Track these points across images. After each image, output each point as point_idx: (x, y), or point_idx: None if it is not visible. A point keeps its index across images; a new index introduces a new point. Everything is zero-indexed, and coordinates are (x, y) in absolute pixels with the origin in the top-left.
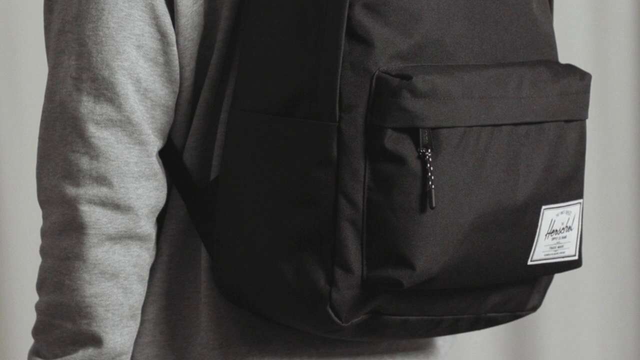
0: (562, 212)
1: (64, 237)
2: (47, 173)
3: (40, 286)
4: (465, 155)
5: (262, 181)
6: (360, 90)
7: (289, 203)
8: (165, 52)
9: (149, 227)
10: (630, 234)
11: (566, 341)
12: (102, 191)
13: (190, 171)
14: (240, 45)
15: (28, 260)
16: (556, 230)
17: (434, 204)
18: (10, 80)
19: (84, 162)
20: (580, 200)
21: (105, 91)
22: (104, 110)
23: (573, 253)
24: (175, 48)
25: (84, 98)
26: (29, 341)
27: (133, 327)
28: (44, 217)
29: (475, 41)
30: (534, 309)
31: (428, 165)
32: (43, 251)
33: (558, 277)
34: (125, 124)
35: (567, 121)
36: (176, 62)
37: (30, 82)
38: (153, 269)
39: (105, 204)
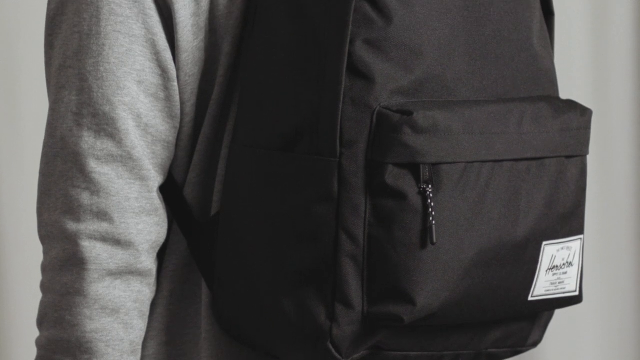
0: (562, 248)
1: (64, 272)
2: (47, 208)
3: (41, 322)
4: (466, 191)
5: (263, 217)
6: (361, 125)
7: (290, 238)
8: (166, 88)
9: (149, 263)
10: (630, 269)
11: None
12: (103, 227)
13: (191, 206)
14: (241, 80)
15: (28, 294)
16: (557, 266)
17: (434, 240)
18: (11, 115)
19: (85, 198)
20: (581, 236)
21: (106, 126)
22: (104, 145)
23: (574, 289)
24: (176, 83)
25: (85, 133)
26: None
27: None
28: (45, 253)
29: (476, 77)
30: (535, 344)
31: (429, 201)
32: (44, 287)
33: (558, 312)
34: (126, 160)
35: (567, 157)
36: (177, 98)
37: (31, 117)
38: (154, 305)
39: (105, 239)
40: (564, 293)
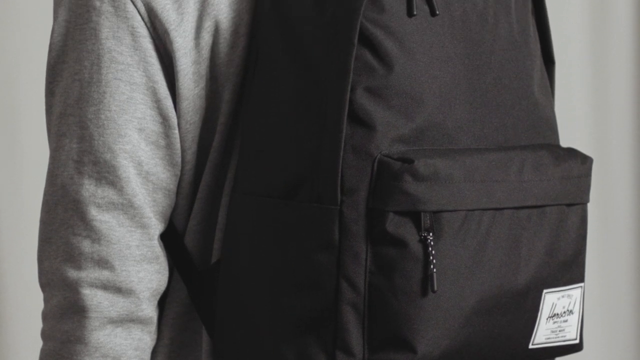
0: (563, 296)
1: (65, 320)
2: (48, 256)
3: None
4: (466, 239)
5: (263, 264)
6: (361, 173)
7: (290, 286)
8: (167, 135)
9: (150, 311)
10: (631, 318)
11: None
12: (104, 274)
13: (192, 254)
14: (241, 128)
15: (29, 344)
16: (557, 314)
17: (435, 288)
18: (11, 163)
19: (86, 245)
20: (582, 284)
21: (107, 174)
22: (105, 193)
23: (574, 337)
24: (176, 131)
25: (86, 181)
26: None
27: None
28: (45, 300)
29: (477, 125)
30: None
31: (430, 249)
32: (44, 334)
33: None
34: (127, 207)
35: (568, 205)
36: (178, 146)
37: (31, 165)
38: (154, 353)
39: (106, 287)
40: (564, 341)
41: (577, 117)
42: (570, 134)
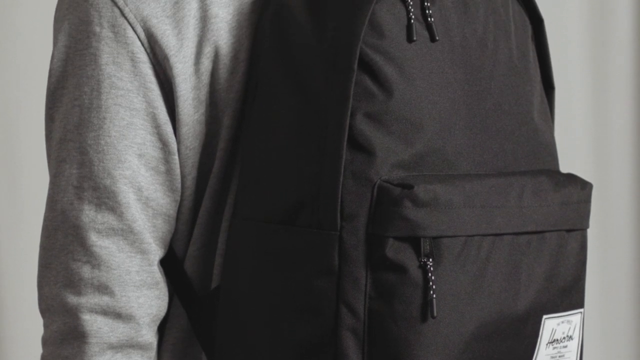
0: (563, 322)
1: (65, 345)
2: (48, 282)
3: None
4: (466, 264)
5: (263, 290)
6: (361, 199)
7: (290, 312)
8: (167, 161)
9: (150, 336)
10: (631, 344)
11: None
12: (104, 300)
13: (192, 280)
14: (241, 153)
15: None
16: (557, 340)
17: (435, 314)
18: (11, 189)
19: (86, 271)
20: (581, 310)
21: (107, 200)
22: (105, 219)
23: None
24: (176, 157)
25: (86, 207)
26: None
27: None
28: (45, 326)
29: (477, 150)
30: None
31: (429, 274)
32: None
33: None
34: (127, 233)
35: (568, 231)
36: (177, 171)
37: (31, 191)
38: None
39: (106, 312)
40: None
41: (577, 140)
42: (570, 159)
